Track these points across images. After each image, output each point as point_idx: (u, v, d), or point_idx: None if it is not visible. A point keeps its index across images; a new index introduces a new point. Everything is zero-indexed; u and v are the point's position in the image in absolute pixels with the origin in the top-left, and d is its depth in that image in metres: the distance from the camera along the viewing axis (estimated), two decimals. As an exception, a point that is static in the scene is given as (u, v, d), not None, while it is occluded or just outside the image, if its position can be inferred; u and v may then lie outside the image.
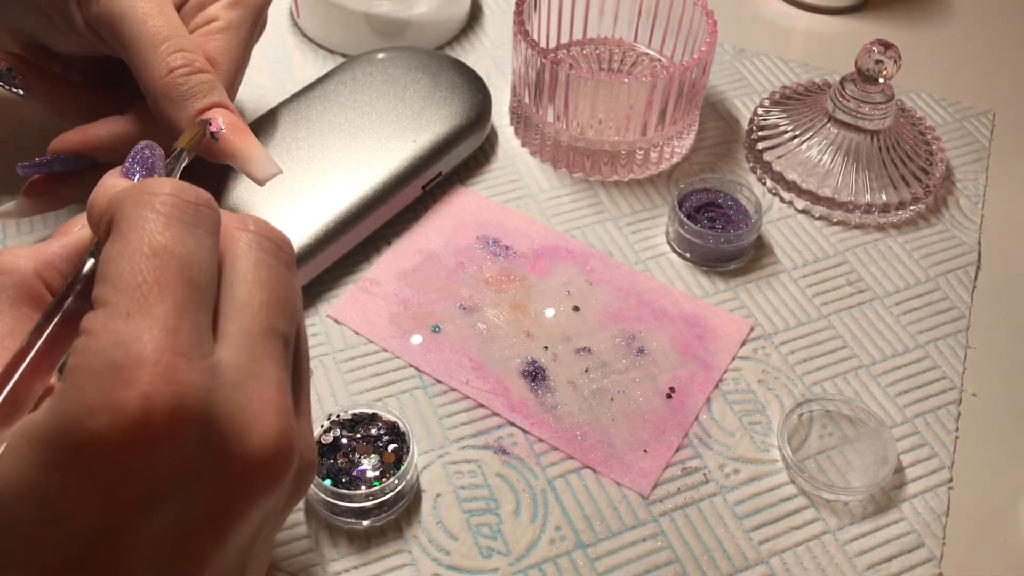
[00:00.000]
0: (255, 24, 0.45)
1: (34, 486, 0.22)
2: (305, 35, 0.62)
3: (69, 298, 0.26)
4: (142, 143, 0.32)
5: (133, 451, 0.22)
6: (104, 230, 0.26)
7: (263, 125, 0.51)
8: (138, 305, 0.23)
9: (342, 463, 0.40)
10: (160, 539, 0.23)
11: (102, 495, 0.22)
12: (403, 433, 0.41)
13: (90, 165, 0.44)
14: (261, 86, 0.58)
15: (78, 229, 0.31)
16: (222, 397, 0.24)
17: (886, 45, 0.51)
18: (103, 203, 0.27)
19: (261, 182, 0.41)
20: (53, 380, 0.27)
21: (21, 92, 0.45)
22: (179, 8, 0.44)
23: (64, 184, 0.44)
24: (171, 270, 0.24)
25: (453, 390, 0.45)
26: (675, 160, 0.56)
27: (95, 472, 0.22)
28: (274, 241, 0.28)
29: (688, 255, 0.50)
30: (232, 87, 0.44)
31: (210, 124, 0.40)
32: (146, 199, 0.25)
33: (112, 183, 0.30)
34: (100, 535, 0.23)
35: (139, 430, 0.22)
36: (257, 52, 0.48)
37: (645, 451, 0.43)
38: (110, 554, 0.23)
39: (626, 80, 0.50)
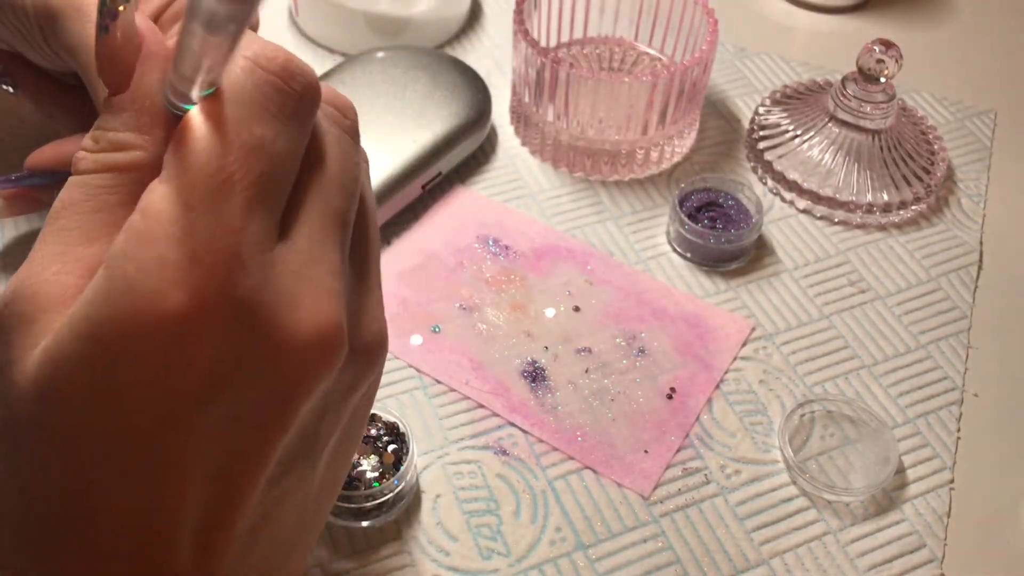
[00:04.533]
0: None
1: (85, 380, 0.22)
2: (304, 34, 0.62)
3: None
4: None
5: (183, 347, 0.22)
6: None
7: (262, 124, 0.51)
8: (207, 198, 0.22)
9: (341, 464, 0.40)
10: (220, 430, 0.23)
11: (155, 390, 0.22)
12: (402, 434, 0.41)
13: (67, 179, 0.44)
14: (260, 85, 0.58)
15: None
16: (276, 287, 0.23)
17: (887, 44, 0.51)
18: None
19: None
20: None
21: (11, 90, 0.45)
22: (156, 18, 0.44)
23: (44, 191, 0.45)
24: (255, 169, 0.23)
25: (453, 390, 0.44)
26: (676, 159, 0.56)
27: (145, 367, 0.22)
28: (338, 107, 0.27)
29: (689, 255, 0.50)
30: None
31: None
32: (254, 71, 0.24)
33: None
34: (157, 431, 0.22)
35: (189, 327, 0.22)
36: (256, 51, 0.48)
37: (646, 452, 0.43)
38: (169, 450, 0.23)
39: (626, 79, 0.50)
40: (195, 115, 0.23)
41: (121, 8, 0.25)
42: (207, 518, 0.24)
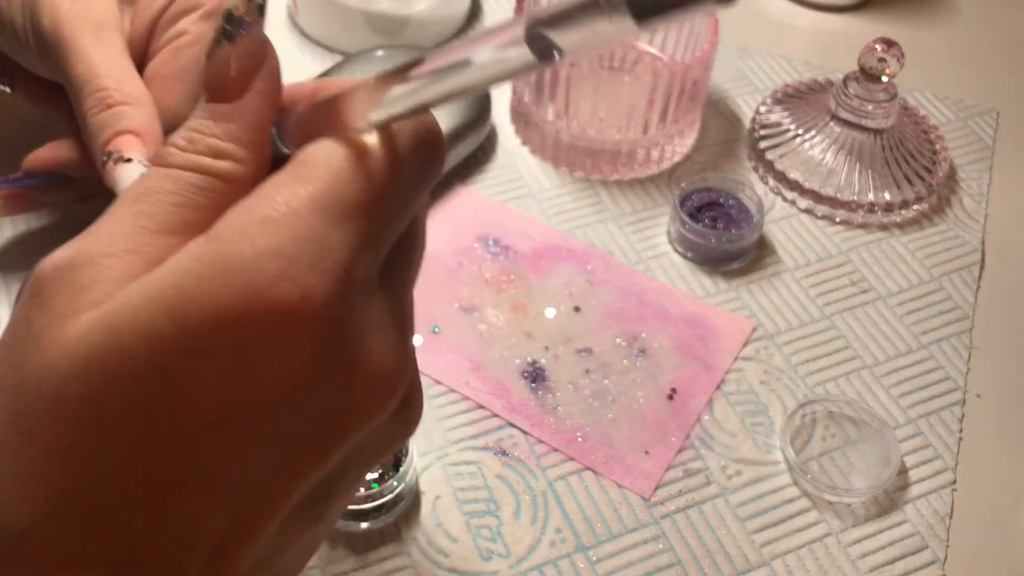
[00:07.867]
0: None
1: (148, 360, 0.20)
2: (303, 33, 0.62)
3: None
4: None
5: (274, 347, 0.21)
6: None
7: (262, 124, 0.51)
8: (344, 213, 0.22)
9: (341, 465, 0.39)
10: (265, 448, 0.22)
11: (226, 390, 0.21)
12: (402, 434, 0.40)
13: (63, 180, 0.44)
14: (260, 85, 0.58)
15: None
16: (371, 318, 0.23)
17: (889, 43, 0.51)
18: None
19: None
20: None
21: (8, 89, 0.45)
22: (155, 23, 0.44)
23: (41, 192, 0.45)
24: (390, 209, 0.23)
25: (453, 391, 0.44)
26: (676, 159, 0.55)
27: (227, 361, 0.20)
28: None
29: (690, 255, 0.50)
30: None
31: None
32: (418, 127, 0.24)
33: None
34: (205, 434, 0.21)
35: (288, 329, 0.21)
36: (255, 50, 0.48)
37: (646, 452, 0.42)
38: (209, 460, 0.21)
39: (627, 78, 0.50)
40: (347, 139, 0.23)
41: (253, 22, 0.25)
42: (218, 549, 0.22)
